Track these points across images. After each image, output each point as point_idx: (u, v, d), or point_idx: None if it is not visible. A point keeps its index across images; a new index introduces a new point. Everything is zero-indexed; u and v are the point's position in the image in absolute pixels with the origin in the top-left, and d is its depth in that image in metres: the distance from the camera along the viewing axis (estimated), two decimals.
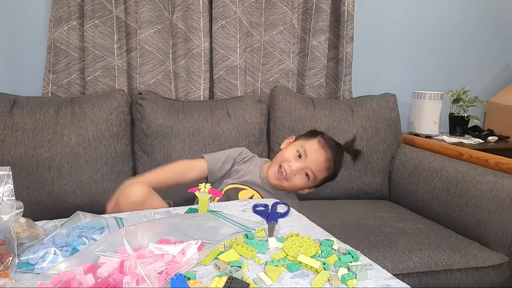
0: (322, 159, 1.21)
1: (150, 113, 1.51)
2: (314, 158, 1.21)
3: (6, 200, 0.61)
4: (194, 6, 1.63)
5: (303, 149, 1.21)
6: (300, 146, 1.22)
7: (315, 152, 1.21)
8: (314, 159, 1.21)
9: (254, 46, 1.78)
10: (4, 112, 1.38)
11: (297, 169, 1.20)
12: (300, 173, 1.21)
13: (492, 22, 2.23)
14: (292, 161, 1.20)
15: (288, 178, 1.20)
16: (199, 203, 0.83)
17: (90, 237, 0.68)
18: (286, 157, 1.22)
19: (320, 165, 1.21)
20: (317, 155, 1.21)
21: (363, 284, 0.59)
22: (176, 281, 0.54)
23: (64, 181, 1.39)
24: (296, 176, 1.20)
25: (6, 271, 0.55)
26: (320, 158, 1.21)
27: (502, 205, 1.25)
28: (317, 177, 1.22)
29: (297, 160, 1.21)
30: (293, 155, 1.21)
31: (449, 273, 1.18)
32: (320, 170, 1.22)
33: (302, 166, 1.20)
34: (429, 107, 1.97)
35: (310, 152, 1.21)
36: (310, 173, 1.21)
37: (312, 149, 1.22)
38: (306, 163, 1.20)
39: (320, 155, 1.21)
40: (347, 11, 1.81)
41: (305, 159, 1.21)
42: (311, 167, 1.20)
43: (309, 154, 1.21)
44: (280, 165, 1.20)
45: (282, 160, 1.22)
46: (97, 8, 1.56)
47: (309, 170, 1.21)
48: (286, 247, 0.68)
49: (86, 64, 1.58)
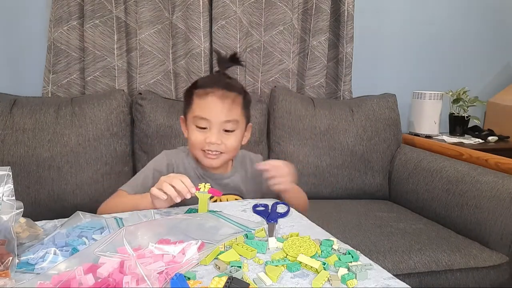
0: (218, 106, 1.00)
1: (150, 113, 1.51)
2: (213, 114, 1.00)
3: (6, 200, 0.61)
4: (194, 6, 1.63)
5: (197, 117, 1.02)
6: (193, 119, 1.03)
7: (207, 108, 1.01)
8: (214, 113, 1.00)
9: (254, 46, 1.78)
10: (4, 112, 1.38)
11: (216, 138, 1.00)
12: (223, 136, 1.02)
13: (492, 22, 2.23)
14: (204, 138, 1.01)
15: (226, 150, 1.03)
16: (199, 203, 0.83)
17: (90, 237, 0.68)
18: (194, 142, 1.03)
19: (222, 111, 1.00)
20: (212, 107, 1.00)
21: (363, 284, 0.59)
22: (176, 281, 0.54)
23: (64, 181, 1.39)
24: (224, 142, 1.02)
25: (6, 271, 0.55)
26: (215, 107, 1.00)
27: (502, 205, 1.25)
28: (234, 118, 1.02)
29: (206, 132, 1.01)
30: (199, 135, 1.02)
31: (449, 273, 1.18)
32: (228, 112, 1.01)
33: (216, 131, 1.01)
34: (429, 107, 1.97)
35: (204, 112, 1.01)
36: (228, 126, 1.02)
37: (203, 108, 1.01)
38: (213, 124, 1.00)
39: (214, 105, 1.00)
40: (347, 11, 1.81)
41: (209, 123, 1.01)
42: (219, 120, 1.00)
43: (206, 115, 1.01)
44: (203, 151, 1.03)
45: (195, 146, 1.04)
46: (97, 8, 1.56)
47: (221, 125, 1.01)
48: (286, 247, 0.68)
49: (86, 64, 1.57)
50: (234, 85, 1.06)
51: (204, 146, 1.02)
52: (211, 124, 1.01)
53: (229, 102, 1.01)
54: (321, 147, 1.67)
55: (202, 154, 1.04)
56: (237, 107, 1.03)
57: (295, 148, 1.66)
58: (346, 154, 1.68)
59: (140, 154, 1.54)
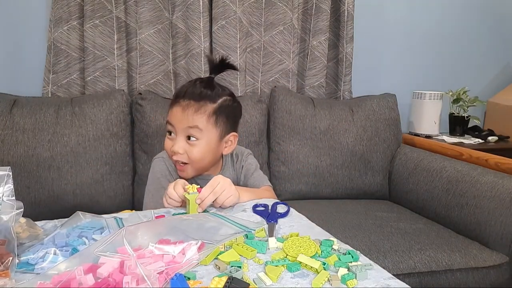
0: (180, 112, 1.00)
1: (150, 113, 1.51)
2: (176, 117, 1.01)
3: (6, 200, 0.61)
4: (194, 6, 1.63)
5: (167, 122, 1.03)
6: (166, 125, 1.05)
7: (173, 114, 1.01)
8: (177, 118, 1.00)
9: (254, 46, 1.78)
10: (4, 112, 1.38)
11: (177, 146, 1.00)
12: (186, 145, 1.01)
13: (492, 22, 2.23)
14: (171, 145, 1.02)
15: (189, 161, 1.02)
16: (189, 204, 0.83)
17: (90, 237, 0.68)
18: (165, 148, 1.05)
19: (183, 117, 1.00)
20: (176, 113, 1.01)
21: (363, 284, 0.59)
22: (176, 281, 0.54)
23: (64, 181, 1.39)
24: (188, 152, 1.01)
25: (6, 271, 0.55)
26: (179, 112, 1.00)
27: (502, 205, 1.25)
28: (195, 125, 1.00)
29: (173, 139, 1.02)
30: (168, 141, 1.03)
31: (449, 273, 1.18)
32: (190, 118, 0.99)
33: (180, 138, 1.01)
34: (429, 107, 1.98)
35: (171, 117, 1.02)
36: (192, 132, 1.00)
37: (171, 114, 1.02)
38: (176, 130, 1.01)
39: (177, 111, 1.01)
40: (347, 11, 1.81)
41: (174, 128, 1.01)
42: (181, 126, 1.00)
43: (171, 120, 1.02)
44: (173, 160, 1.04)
45: (168, 153, 1.05)
46: (97, 8, 1.56)
47: (184, 132, 1.00)
48: (286, 247, 0.68)
49: (86, 64, 1.57)
50: (205, 95, 1.03)
51: (172, 155, 1.02)
52: (175, 129, 1.01)
53: (193, 110, 1.00)
54: (321, 147, 1.67)
55: (175, 164, 1.05)
56: (203, 115, 1.01)
57: (295, 148, 1.66)
58: (346, 154, 1.68)
59: (140, 154, 1.54)
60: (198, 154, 1.02)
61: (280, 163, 1.66)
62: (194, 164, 1.03)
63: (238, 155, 1.19)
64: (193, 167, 1.04)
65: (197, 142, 1.01)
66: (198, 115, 1.01)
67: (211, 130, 1.03)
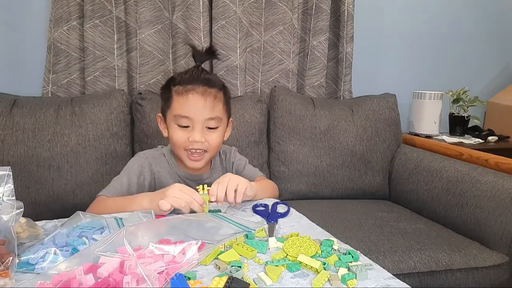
0: (200, 104, 0.97)
1: (150, 113, 1.51)
2: (195, 111, 0.97)
3: (6, 200, 0.61)
4: (194, 6, 1.62)
5: (179, 116, 0.99)
6: (174, 118, 1.00)
7: (189, 106, 0.98)
8: (196, 111, 0.97)
9: (254, 46, 1.78)
10: (4, 112, 1.37)
11: (199, 136, 0.98)
12: (206, 133, 0.99)
13: (492, 22, 2.23)
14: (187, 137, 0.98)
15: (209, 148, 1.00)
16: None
17: (90, 237, 0.68)
18: (176, 141, 1.00)
19: (205, 109, 0.97)
20: (194, 105, 0.97)
21: (363, 284, 0.59)
22: (176, 281, 0.54)
23: (64, 181, 1.39)
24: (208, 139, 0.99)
25: (6, 271, 0.55)
26: (197, 105, 0.97)
27: (502, 205, 1.25)
28: (217, 116, 1.00)
29: (188, 130, 0.99)
30: (182, 134, 0.99)
31: (449, 273, 1.18)
32: (211, 109, 0.98)
33: (199, 129, 0.98)
34: (429, 107, 1.97)
35: (186, 111, 0.98)
36: (212, 123, 0.99)
37: (185, 107, 0.98)
38: (195, 122, 0.98)
39: (196, 102, 0.97)
40: (347, 11, 1.81)
41: (191, 121, 0.98)
42: (202, 118, 0.98)
43: (188, 113, 0.98)
44: (185, 150, 1.00)
45: (179, 146, 1.01)
46: (97, 8, 1.56)
47: (204, 123, 0.98)
48: (286, 247, 0.68)
49: (86, 64, 1.57)
50: (214, 81, 1.02)
51: (188, 145, 0.99)
52: (193, 122, 0.98)
53: (211, 99, 0.98)
54: (321, 147, 1.67)
55: (186, 155, 1.01)
56: (219, 104, 1.01)
57: (295, 148, 1.66)
58: (346, 154, 1.68)
59: None
60: (218, 140, 1.03)
61: (280, 163, 1.66)
62: (213, 151, 1.03)
63: (226, 152, 1.19)
64: (211, 154, 1.04)
65: (216, 129, 1.02)
66: (216, 103, 1.00)
67: (225, 117, 1.05)
